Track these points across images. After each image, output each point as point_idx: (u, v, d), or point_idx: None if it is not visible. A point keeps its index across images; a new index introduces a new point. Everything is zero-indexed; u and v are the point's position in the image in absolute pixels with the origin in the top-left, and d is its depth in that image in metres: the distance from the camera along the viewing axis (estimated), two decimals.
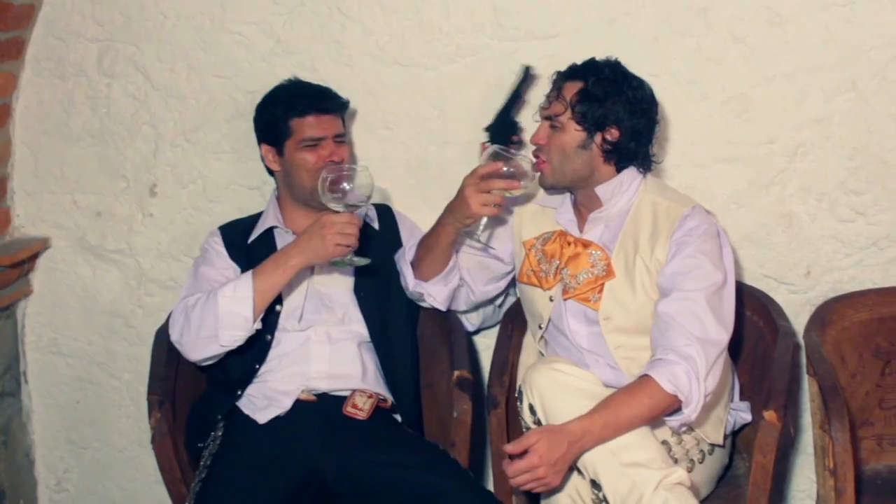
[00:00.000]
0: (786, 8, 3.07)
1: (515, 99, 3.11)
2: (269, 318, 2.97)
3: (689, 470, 2.71)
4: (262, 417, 2.93)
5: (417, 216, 3.29)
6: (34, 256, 3.51)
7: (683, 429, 2.70)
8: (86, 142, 3.45)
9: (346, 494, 2.80)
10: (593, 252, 2.84)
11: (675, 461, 2.67)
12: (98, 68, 3.39)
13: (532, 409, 2.64)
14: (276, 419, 2.93)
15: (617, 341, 2.81)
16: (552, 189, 2.92)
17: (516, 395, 2.73)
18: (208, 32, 3.32)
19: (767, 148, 3.16)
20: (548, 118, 2.83)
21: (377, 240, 3.12)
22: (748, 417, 2.96)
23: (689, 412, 2.57)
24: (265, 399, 2.95)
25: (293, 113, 3.00)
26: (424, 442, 3.00)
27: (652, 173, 2.90)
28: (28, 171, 3.48)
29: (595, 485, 2.54)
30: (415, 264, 3.04)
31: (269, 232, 3.10)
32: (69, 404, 3.65)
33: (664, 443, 2.67)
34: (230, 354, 2.93)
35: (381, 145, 3.33)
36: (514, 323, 3.10)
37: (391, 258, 3.13)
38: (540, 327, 2.94)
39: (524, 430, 2.70)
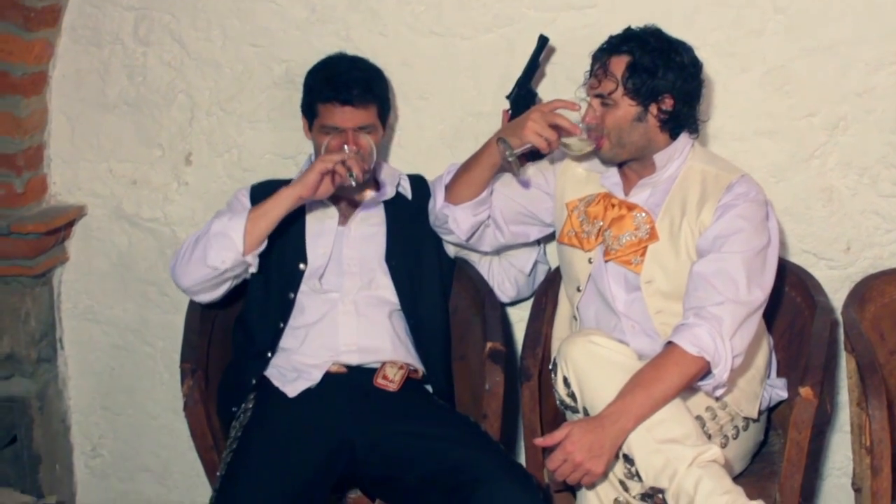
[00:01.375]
0: None
1: (533, 68, 3.09)
2: (293, 275, 3.01)
3: (723, 446, 2.69)
4: (292, 390, 2.93)
5: None
6: (70, 224, 3.52)
7: (719, 392, 2.65)
8: (122, 110, 3.45)
9: (375, 465, 2.80)
10: (638, 215, 2.81)
11: (709, 437, 2.65)
12: (134, 36, 3.39)
13: (566, 382, 2.62)
14: (307, 392, 2.93)
15: (657, 306, 2.78)
16: (611, 163, 2.86)
17: (550, 367, 2.71)
18: (244, 1, 3.30)
19: (808, 121, 3.12)
20: (598, 96, 2.77)
21: (411, 210, 3.12)
22: (784, 395, 2.93)
23: (719, 373, 2.56)
24: (295, 371, 2.95)
25: (321, 97, 3.01)
26: (455, 414, 3.00)
27: (698, 141, 2.86)
28: (64, 139, 3.49)
29: (627, 459, 2.52)
30: (448, 186, 3.00)
31: None
32: (104, 371, 3.67)
33: (698, 418, 2.65)
34: (254, 316, 2.97)
35: (416, 115, 3.31)
36: (547, 295, 3.08)
37: (427, 227, 3.11)
38: (578, 290, 2.91)
39: (558, 402, 2.69)
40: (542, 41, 3.09)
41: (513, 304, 3.33)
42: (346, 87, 2.98)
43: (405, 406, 2.90)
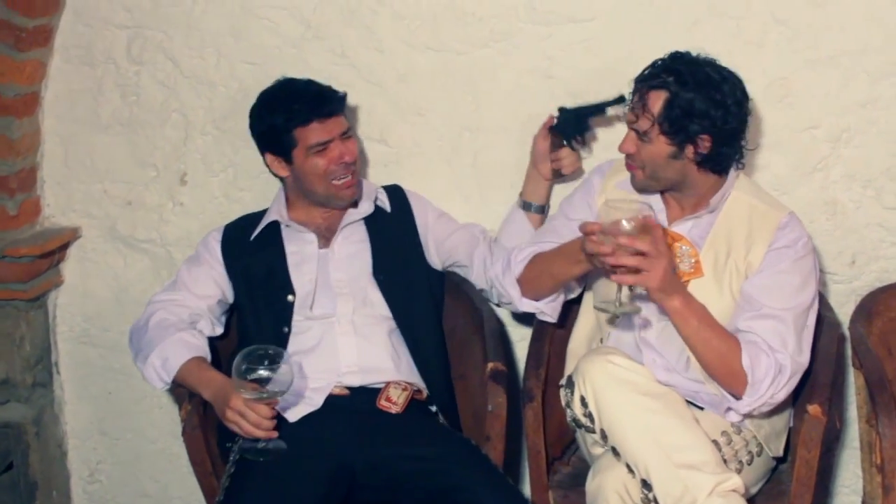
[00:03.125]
0: None
1: (599, 110, 3.01)
2: (283, 308, 2.98)
3: (738, 471, 2.64)
4: (293, 415, 2.89)
5: (449, 203, 3.25)
6: (64, 246, 3.49)
7: (732, 418, 2.65)
8: (115, 130, 3.42)
9: (375, 489, 2.77)
10: (683, 247, 2.74)
11: (725, 461, 2.60)
12: (127, 55, 3.36)
13: (584, 401, 2.58)
14: (308, 416, 2.89)
15: None
16: (645, 191, 2.78)
17: (561, 384, 2.65)
18: (238, 18, 3.28)
19: (810, 133, 3.09)
20: (634, 130, 2.69)
21: (391, 223, 3.10)
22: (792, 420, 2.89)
23: (743, 405, 2.56)
24: (295, 396, 2.90)
25: (295, 122, 2.94)
26: (456, 436, 2.95)
27: (742, 177, 2.80)
28: (58, 160, 3.46)
29: (646, 485, 2.48)
30: (522, 281, 2.87)
31: (275, 225, 3.08)
32: (101, 395, 3.64)
33: (714, 442, 2.60)
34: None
35: (412, 131, 3.28)
36: None
37: (409, 237, 3.10)
38: (616, 317, 2.82)
39: (570, 420, 2.66)
40: (622, 100, 2.92)
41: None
42: (317, 102, 2.96)
43: (407, 428, 2.85)
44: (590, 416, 2.58)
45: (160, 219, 3.47)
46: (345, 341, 2.97)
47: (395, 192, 3.17)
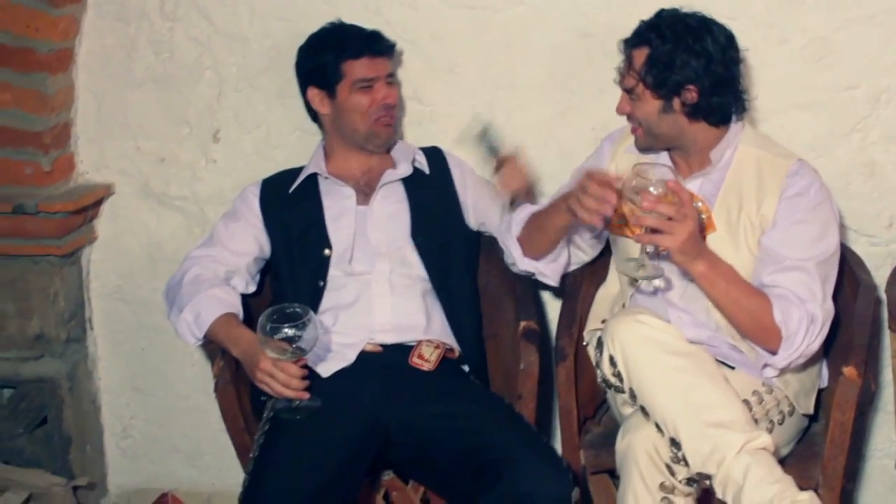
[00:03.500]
0: None
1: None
2: (319, 262, 2.98)
3: (769, 431, 2.63)
4: (326, 370, 2.89)
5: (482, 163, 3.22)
6: (98, 203, 3.50)
7: (769, 373, 2.64)
8: (148, 87, 3.42)
9: (408, 447, 2.77)
10: (695, 204, 2.70)
11: (756, 422, 2.59)
12: (160, 12, 3.35)
13: (612, 361, 2.58)
14: (340, 372, 2.90)
15: None
16: (648, 151, 2.79)
17: (587, 344, 2.66)
18: None
19: (849, 94, 3.05)
20: (625, 90, 2.72)
21: (430, 184, 3.09)
22: (825, 383, 2.88)
23: (779, 359, 2.56)
24: (328, 351, 2.91)
25: (346, 55, 2.97)
26: (489, 394, 2.96)
27: (749, 123, 2.79)
28: (91, 116, 3.46)
29: (674, 443, 2.47)
30: (522, 240, 2.91)
31: (314, 179, 3.08)
32: (134, 351, 3.65)
33: (744, 402, 2.59)
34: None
35: (446, 89, 3.27)
36: (582, 274, 3.03)
37: (448, 199, 3.10)
38: (633, 283, 2.84)
39: (600, 380, 2.65)
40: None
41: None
42: (370, 39, 3.01)
43: (439, 386, 2.86)
44: (619, 375, 2.58)
45: (193, 176, 3.47)
46: (381, 301, 2.96)
47: (434, 154, 3.16)
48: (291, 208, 3.05)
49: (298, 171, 3.12)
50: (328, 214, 3.03)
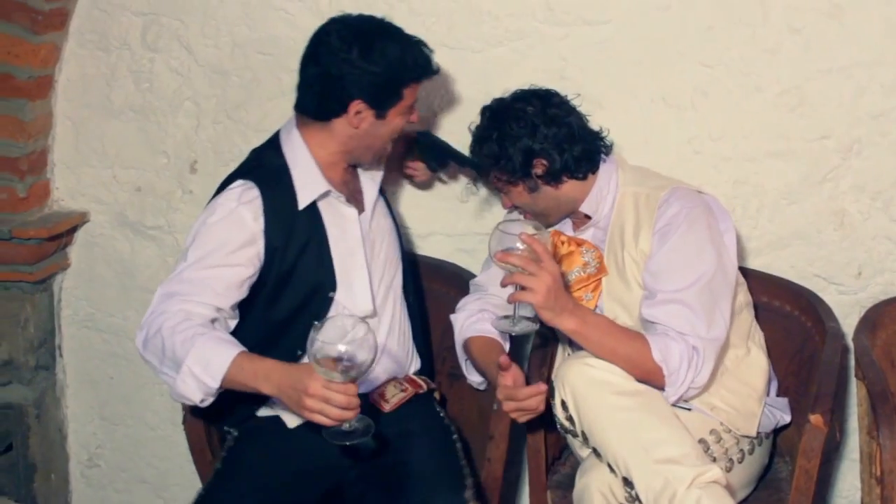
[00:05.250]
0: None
1: (456, 158, 3.09)
2: (321, 303, 2.68)
3: (728, 469, 2.65)
4: (292, 421, 2.72)
5: (459, 203, 3.29)
6: (72, 230, 3.50)
7: (673, 400, 2.63)
8: (127, 116, 3.43)
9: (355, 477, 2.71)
10: (586, 250, 2.81)
11: (714, 459, 2.62)
12: (142, 42, 3.37)
13: (564, 405, 2.60)
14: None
15: None
16: (550, 226, 2.87)
17: (549, 393, 2.68)
18: (253, 8, 3.28)
19: (821, 143, 3.08)
20: (497, 188, 2.87)
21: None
22: (787, 418, 2.90)
23: (670, 396, 2.59)
24: None
25: (414, 79, 2.68)
26: (438, 421, 2.90)
27: (621, 164, 2.85)
28: (69, 144, 3.47)
29: (627, 482, 2.48)
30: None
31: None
32: (103, 380, 3.64)
33: (701, 441, 2.62)
34: (271, 343, 2.61)
35: (426, 127, 3.26)
36: None
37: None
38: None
39: (558, 427, 2.66)
40: (476, 166, 2.97)
41: None
42: (431, 60, 2.73)
43: (389, 417, 2.78)
44: (571, 419, 2.60)
45: (169, 206, 3.47)
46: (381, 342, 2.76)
47: None
48: (294, 232, 2.65)
49: (279, 169, 2.69)
50: (334, 246, 2.70)
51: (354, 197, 2.79)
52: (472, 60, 3.21)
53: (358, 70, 2.60)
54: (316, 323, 2.29)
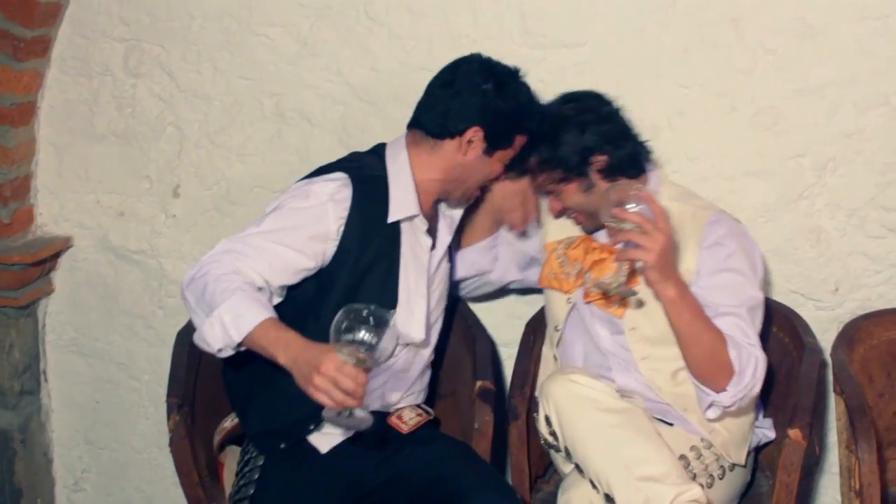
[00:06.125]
0: (818, 20, 3.03)
1: None
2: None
3: (709, 486, 2.68)
4: (325, 445, 2.75)
5: None
6: (56, 255, 3.51)
7: (711, 415, 2.64)
8: (110, 141, 3.44)
9: (375, 492, 2.75)
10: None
11: (694, 476, 2.64)
12: (124, 68, 3.38)
13: (548, 421, 2.62)
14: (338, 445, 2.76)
15: (642, 352, 2.77)
16: (597, 230, 2.86)
17: (534, 408, 2.71)
18: (235, 34, 3.30)
19: (797, 162, 3.12)
20: (544, 193, 2.85)
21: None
22: (771, 435, 2.92)
23: (727, 397, 2.56)
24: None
25: (528, 130, 2.74)
26: (449, 438, 2.91)
27: (671, 179, 2.88)
28: (52, 169, 3.48)
29: (609, 499, 2.51)
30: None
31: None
32: (88, 404, 3.65)
33: (682, 458, 2.65)
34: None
35: None
36: (535, 333, 3.07)
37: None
38: (556, 329, 2.91)
39: (542, 441, 2.69)
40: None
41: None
42: (545, 122, 2.78)
43: (408, 439, 2.82)
44: (554, 434, 2.62)
45: (152, 230, 3.48)
46: (397, 378, 2.83)
47: None
48: (370, 244, 2.67)
49: (379, 180, 2.72)
50: (403, 268, 2.73)
51: (430, 231, 2.81)
52: None
53: (488, 100, 2.67)
54: (345, 308, 2.32)
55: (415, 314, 2.75)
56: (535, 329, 3.09)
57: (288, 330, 2.42)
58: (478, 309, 3.25)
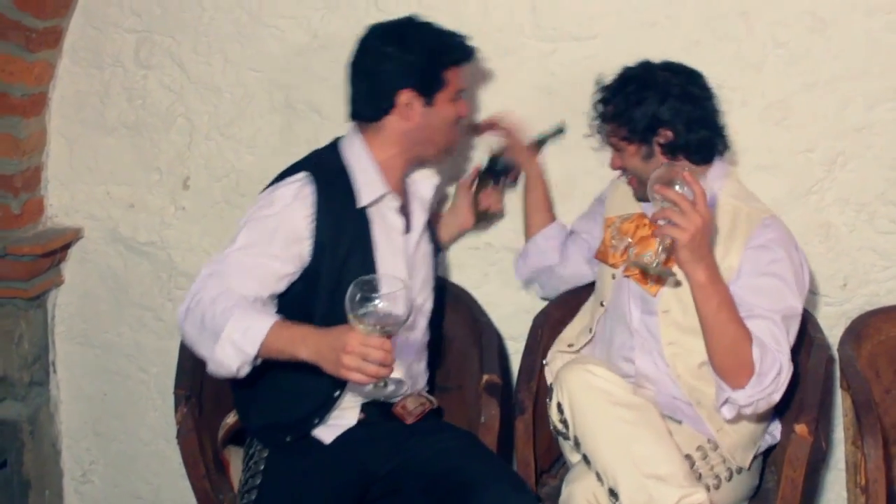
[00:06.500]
0: (829, 14, 3.02)
1: (542, 143, 3.17)
2: None
3: (716, 487, 2.67)
4: (329, 436, 2.75)
5: None
6: (66, 246, 3.52)
7: (727, 414, 2.60)
8: (121, 133, 3.45)
9: (383, 483, 2.75)
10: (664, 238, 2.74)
11: (699, 476, 2.64)
12: (135, 59, 3.40)
13: (560, 408, 2.62)
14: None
15: (671, 336, 2.76)
16: (645, 199, 2.80)
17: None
18: (245, 26, 3.31)
19: (806, 156, 3.11)
20: (611, 146, 2.85)
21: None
22: (778, 437, 2.91)
23: (744, 396, 2.52)
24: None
25: (454, 59, 2.71)
26: (455, 428, 2.90)
27: (733, 178, 2.86)
28: (63, 161, 3.49)
29: (613, 493, 2.51)
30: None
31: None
32: (97, 396, 3.66)
33: (687, 457, 2.64)
34: (306, 377, 2.52)
35: None
36: (543, 328, 3.07)
37: (430, 227, 2.96)
38: (602, 305, 2.91)
39: (551, 428, 2.68)
40: (560, 131, 3.17)
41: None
42: (468, 44, 2.75)
43: (413, 427, 2.82)
44: (565, 422, 2.62)
45: (162, 222, 3.49)
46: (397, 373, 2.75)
47: None
48: (342, 234, 2.66)
49: (339, 170, 2.71)
50: (379, 258, 2.71)
51: (403, 212, 2.80)
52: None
53: (398, 61, 2.65)
54: (355, 282, 2.30)
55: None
56: (544, 323, 3.08)
57: (300, 325, 2.42)
58: (485, 302, 3.25)
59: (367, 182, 2.70)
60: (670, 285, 2.72)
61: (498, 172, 3.16)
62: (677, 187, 2.44)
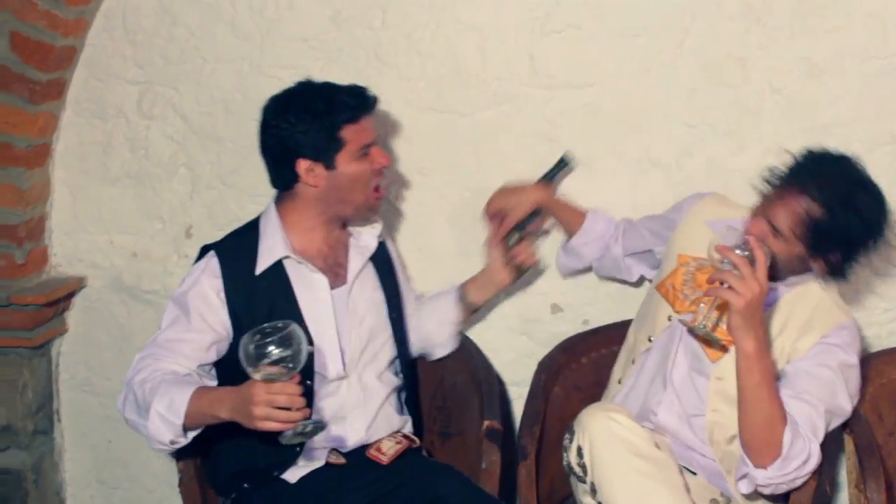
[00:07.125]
0: (824, 60, 3.06)
1: (548, 179, 3.15)
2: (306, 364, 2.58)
3: None
4: (293, 476, 2.79)
5: (451, 263, 3.30)
6: (70, 295, 3.53)
7: (744, 489, 2.61)
8: (124, 183, 3.48)
9: None
10: None
11: None
12: (137, 110, 3.42)
13: (580, 452, 2.58)
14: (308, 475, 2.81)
15: (716, 404, 2.72)
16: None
17: (566, 433, 2.68)
18: (246, 76, 3.34)
19: None
20: (768, 220, 2.63)
21: (382, 257, 3.00)
22: None
23: (764, 476, 2.52)
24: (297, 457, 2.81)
25: (345, 118, 2.72)
26: (442, 465, 2.92)
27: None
28: (66, 210, 3.51)
29: None
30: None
31: (279, 263, 2.77)
32: (101, 443, 3.65)
33: None
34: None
35: (416, 191, 3.33)
36: (547, 373, 3.07)
37: (394, 277, 3.04)
38: (650, 339, 2.86)
39: (565, 465, 2.64)
40: (563, 162, 3.15)
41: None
42: (362, 94, 2.77)
43: (395, 470, 2.83)
44: (583, 466, 2.58)
45: (165, 271, 3.51)
46: (355, 414, 2.86)
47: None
48: (254, 292, 2.74)
49: (247, 239, 2.82)
50: (305, 308, 2.77)
51: (333, 269, 2.85)
52: (460, 124, 3.27)
53: (290, 131, 2.72)
54: (244, 337, 2.42)
55: (324, 349, 2.78)
56: (548, 369, 3.09)
57: (217, 389, 2.60)
58: (487, 349, 3.25)
59: (269, 248, 2.78)
60: (731, 355, 2.63)
61: (522, 225, 3.13)
62: (738, 251, 2.44)
